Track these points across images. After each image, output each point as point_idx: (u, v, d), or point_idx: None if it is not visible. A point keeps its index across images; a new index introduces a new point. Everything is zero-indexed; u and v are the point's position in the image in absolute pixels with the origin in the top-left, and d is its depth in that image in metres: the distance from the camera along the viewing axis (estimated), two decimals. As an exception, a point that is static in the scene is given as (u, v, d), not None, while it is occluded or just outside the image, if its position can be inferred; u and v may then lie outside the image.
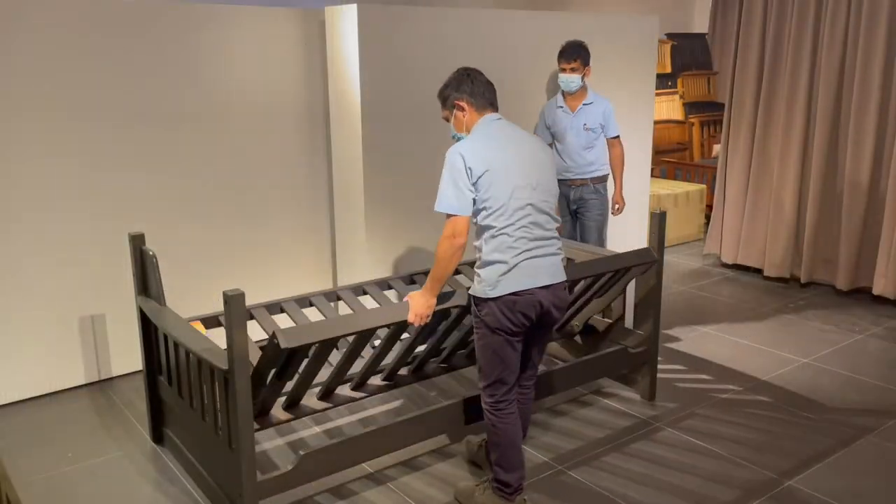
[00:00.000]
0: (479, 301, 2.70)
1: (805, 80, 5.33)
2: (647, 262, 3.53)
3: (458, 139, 2.81)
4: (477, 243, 2.71)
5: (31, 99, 3.64)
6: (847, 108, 5.19)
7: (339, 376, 2.99)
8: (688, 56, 8.55)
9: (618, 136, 4.57)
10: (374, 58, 4.24)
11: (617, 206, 4.62)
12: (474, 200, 2.64)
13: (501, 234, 2.63)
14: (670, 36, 8.35)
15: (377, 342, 3.44)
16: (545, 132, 4.68)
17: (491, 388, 2.78)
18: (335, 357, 3.38)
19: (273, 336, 2.51)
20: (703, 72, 8.62)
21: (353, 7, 4.13)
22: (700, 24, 9.02)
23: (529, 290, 2.65)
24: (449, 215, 2.62)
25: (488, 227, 2.65)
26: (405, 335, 3.15)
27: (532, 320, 2.69)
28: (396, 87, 4.36)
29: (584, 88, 4.53)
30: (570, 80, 4.46)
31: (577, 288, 3.41)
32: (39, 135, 3.69)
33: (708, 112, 8.47)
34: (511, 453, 2.81)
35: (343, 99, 4.37)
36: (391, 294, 4.15)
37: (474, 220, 2.68)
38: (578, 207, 4.60)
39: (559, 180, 4.56)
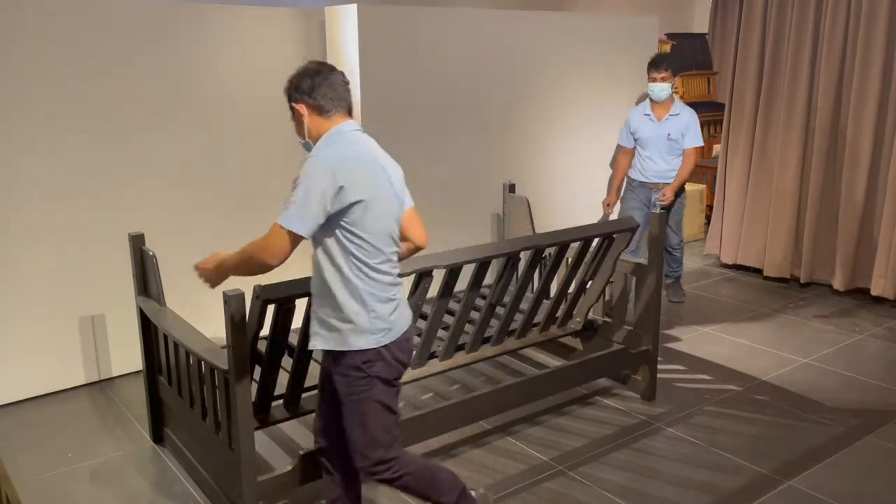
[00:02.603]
0: (367, 355, 2.26)
1: (805, 80, 5.33)
2: (630, 228, 3.59)
3: (307, 146, 2.35)
4: (348, 285, 2.25)
5: (32, 99, 3.64)
6: (847, 107, 5.19)
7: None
8: (688, 56, 8.55)
9: (696, 147, 4.76)
10: (374, 58, 4.24)
11: (664, 196, 4.74)
12: (342, 227, 2.20)
13: (382, 272, 2.27)
14: (670, 36, 8.34)
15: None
16: (629, 137, 4.88)
17: (386, 449, 2.35)
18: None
19: (255, 292, 2.54)
20: (703, 72, 8.62)
21: (353, 7, 4.13)
22: (700, 24, 9.02)
23: (411, 325, 2.40)
24: (282, 227, 2.15)
25: (364, 264, 2.23)
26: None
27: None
28: (396, 87, 4.36)
29: (671, 98, 4.72)
30: (661, 88, 4.70)
31: (571, 260, 3.51)
32: (39, 135, 3.69)
33: (708, 112, 8.47)
34: (439, 477, 2.46)
35: (343, 99, 4.37)
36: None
37: (329, 253, 2.24)
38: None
39: (640, 182, 4.90)
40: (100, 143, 3.84)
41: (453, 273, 3.08)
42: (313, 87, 2.29)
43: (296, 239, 2.17)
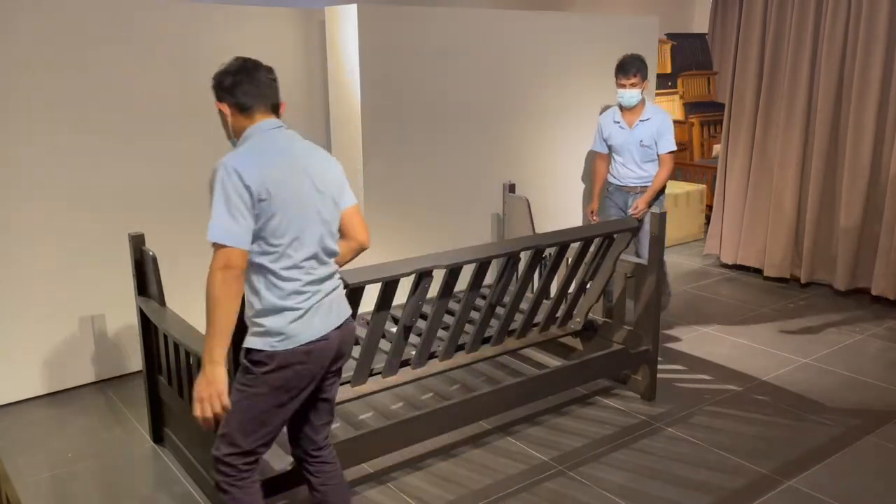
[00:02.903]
0: (259, 356, 2.18)
1: (805, 79, 5.33)
2: (630, 228, 3.59)
3: (234, 145, 2.27)
4: (251, 284, 2.19)
5: (32, 100, 3.64)
6: (847, 107, 5.19)
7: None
8: (688, 56, 8.55)
9: (670, 153, 4.44)
10: (374, 58, 4.24)
11: (636, 209, 4.42)
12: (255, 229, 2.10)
13: (286, 279, 2.16)
14: (670, 36, 8.35)
15: (393, 328, 3.46)
16: (602, 143, 4.65)
17: (241, 455, 2.24)
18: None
19: None
20: (703, 72, 8.62)
21: (353, 7, 4.13)
22: (700, 24, 9.02)
23: (325, 335, 2.23)
24: (218, 245, 2.05)
25: (266, 268, 2.14)
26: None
27: (326, 370, 2.29)
28: (396, 87, 4.36)
29: (642, 102, 4.45)
30: (630, 95, 4.39)
31: (571, 260, 3.50)
32: (39, 135, 3.69)
33: (708, 112, 8.47)
34: None
35: (343, 99, 4.37)
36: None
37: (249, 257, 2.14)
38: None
39: (617, 186, 4.59)
40: (99, 142, 3.84)
41: (453, 273, 3.08)
42: (234, 85, 2.20)
43: (234, 252, 2.05)
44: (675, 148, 4.45)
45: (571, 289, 3.73)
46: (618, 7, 8.06)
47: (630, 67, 4.36)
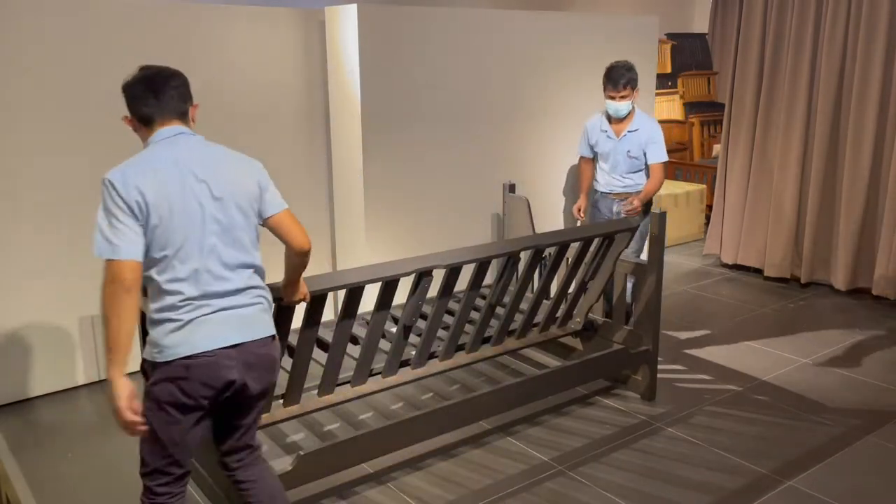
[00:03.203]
0: (148, 367, 2.14)
1: (805, 80, 5.33)
2: (629, 229, 3.61)
3: None
4: (147, 295, 2.15)
5: (33, 100, 3.64)
6: (847, 108, 5.19)
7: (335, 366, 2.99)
8: (688, 56, 8.55)
9: (662, 163, 4.23)
10: (374, 58, 4.24)
11: (631, 203, 4.14)
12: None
13: (169, 292, 2.07)
14: (670, 36, 8.35)
15: (393, 329, 3.46)
16: (587, 149, 4.48)
17: (151, 476, 2.17)
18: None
19: None
20: (703, 72, 8.62)
21: (353, 7, 4.13)
22: (700, 24, 9.02)
23: (210, 351, 2.09)
24: (105, 259, 2.00)
25: (152, 279, 2.08)
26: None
27: (218, 391, 2.11)
28: (396, 87, 4.36)
29: (632, 112, 4.25)
30: (620, 107, 4.19)
31: (571, 260, 3.51)
32: (39, 136, 3.69)
33: (708, 112, 8.47)
34: None
35: (343, 99, 4.37)
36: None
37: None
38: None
39: (603, 193, 4.43)
40: (99, 142, 3.84)
41: (453, 273, 3.08)
42: (133, 98, 2.16)
43: (119, 265, 1.98)
44: (666, 158, 4.26)
45: (571, 289, 3.73)
46: (618, 7, 8.06)
47: (620, 79, 4.12)
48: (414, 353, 3.35)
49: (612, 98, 4.20)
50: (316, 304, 2.75)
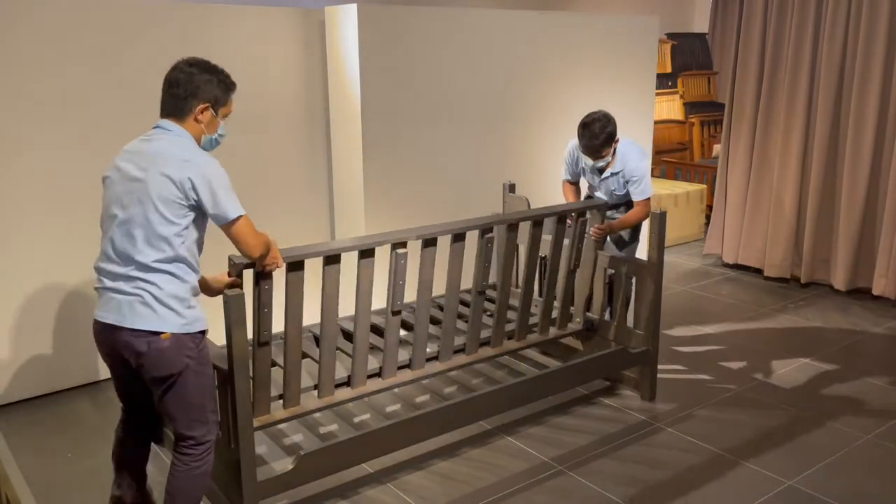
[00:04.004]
0: None
1: (805, 80, 5.33)
2: (598, 205, 3.72)
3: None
4: None
5: (33, 100, 3.64)
6: (847, 108, 5.19)
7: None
8: (688, 56, 8.56)
9: (645, 199, 3.89)
10: (374, 58, 4.24)
11: (599, 229, 3.77)
12: None
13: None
14: (670, 36, 8.35)
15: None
16: (573, 173, 4.12)
17: None
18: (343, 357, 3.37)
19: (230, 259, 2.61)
20: (703, 72, 8.62)
21: (353, 7, 4.14)
22: (700, 24, 9.02)
23: (96, 320, 2.37)
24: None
25: None
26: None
27: (112, 357, 2.41)
28: (396, 86, 4.36)
29: (611, 159, 3.88)
30: (598, 163, 3.85)
31: (551, 239, 3.57)
32: (39, 136, 3.69)
33: (708, 112, 8.48)
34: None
35: (343, 99, 4.37)
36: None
37: None
38: (611, 236, 4.07)
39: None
40: (99, 143, 3.84)
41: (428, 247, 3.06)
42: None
43: None
44: (648, 195, 3.88)
45: (560, 276, 3.70)
46: (618, 7, 8.06)
47: (598, 149, 3.74)
48: (413, 353, 3.35)
49: (588, 157, 3.87)
50: (293, 270, 2.75)
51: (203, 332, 2.41)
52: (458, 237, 3.19)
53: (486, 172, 4.87)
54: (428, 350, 3.33)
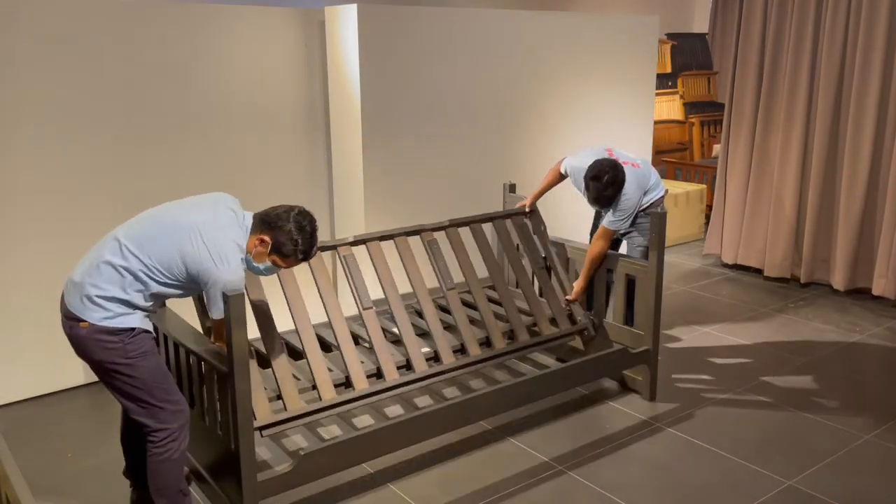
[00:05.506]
0: None
1: (805, 79, 5.33)
2: (518, 213, 4.04)
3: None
4: None
5: (34, 101, 3.63)
6: (847, 108, 5.19)
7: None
8: (688, 56, 8.55)
9: (611, 229, 3.82)
10: (374, 58, 4.24)
11: (570, 300, 3.89)
12: None
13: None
14: (670, 36, 8.35)
15: (395, 329, 3.46)
16: (570, 169, 4.09)
17: None
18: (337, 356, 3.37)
19: None
20: (703, 72, 8.62)
21: (353, 7, 4.14)
22: (700, 24, 9.02)
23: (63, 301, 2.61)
24: None
25: None
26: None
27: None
28: (396, 86, 4.36)
29: None
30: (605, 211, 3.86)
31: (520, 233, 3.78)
32: (39, 138, 3.68)
33: (708, 112, 8.47)
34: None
35: (343, 99, 4.37)
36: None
37: None
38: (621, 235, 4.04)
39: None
40: (99, 143, 3.84)
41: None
42: None
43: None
44: (611, 227, 3.80)
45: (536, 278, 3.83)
46: (618, 7, 8.06)
47: (607, 200, 3.75)
48: (412, 354, 3.35)
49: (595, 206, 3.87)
50: None
51: (132, 330, 2.50)
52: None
53: (486, 172, 4.87)
54: (426, 350, 3.33)
